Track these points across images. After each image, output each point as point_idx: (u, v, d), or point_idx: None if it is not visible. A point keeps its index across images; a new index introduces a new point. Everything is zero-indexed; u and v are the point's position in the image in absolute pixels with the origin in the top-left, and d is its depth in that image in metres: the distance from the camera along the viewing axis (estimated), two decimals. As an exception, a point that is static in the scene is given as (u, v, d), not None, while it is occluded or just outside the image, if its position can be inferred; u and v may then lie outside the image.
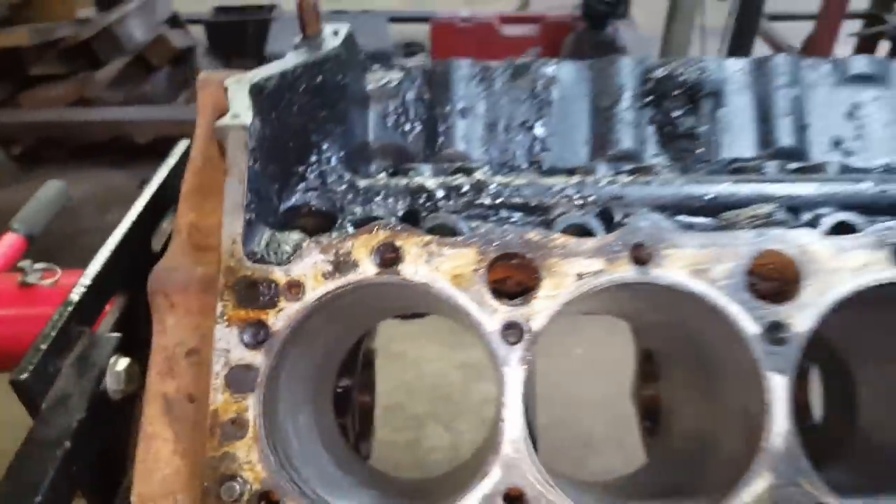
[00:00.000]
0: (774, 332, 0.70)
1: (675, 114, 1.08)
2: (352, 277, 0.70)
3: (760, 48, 3.94)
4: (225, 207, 0.73)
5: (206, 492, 0.67)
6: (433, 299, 0.73)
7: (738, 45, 3.55)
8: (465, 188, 0.98)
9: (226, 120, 0.76)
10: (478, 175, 0.99)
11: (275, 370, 0.70)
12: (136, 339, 0.91)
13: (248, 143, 0.74)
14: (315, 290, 0.70)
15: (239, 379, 0.69)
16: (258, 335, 0.70)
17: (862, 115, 1.08)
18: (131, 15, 4.04)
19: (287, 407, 0.74)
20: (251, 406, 0.68)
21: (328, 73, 0.95)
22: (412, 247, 0.71)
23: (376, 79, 1.10)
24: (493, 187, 0.97)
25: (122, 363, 0.84)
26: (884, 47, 4.44)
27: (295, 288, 0.70)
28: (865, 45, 4.23)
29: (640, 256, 0.71)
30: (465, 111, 1.08)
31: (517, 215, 0.98)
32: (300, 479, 0.71)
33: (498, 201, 0.98)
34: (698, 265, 0.71)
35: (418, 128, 1.08)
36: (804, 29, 3.94)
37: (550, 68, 1.09)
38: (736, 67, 1.08)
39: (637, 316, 1.01)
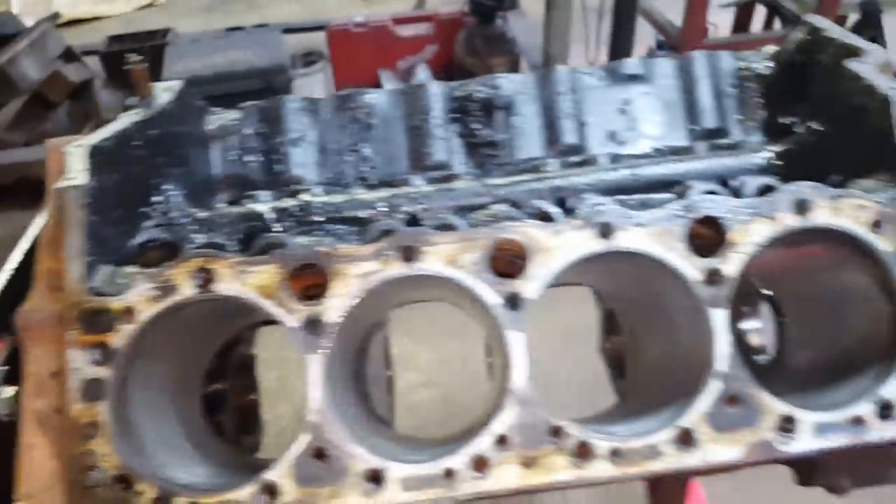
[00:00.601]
0: (512, 300, 0.92)
1: (475, 126, 1.30)
2: (174, 299, 0.89)
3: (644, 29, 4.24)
4: (67, 255, 0.91)
5: (73, 482, 0.86)
6: (251, 308, 0.92)
7: (619, 24, 3.83)
8: (294, 209, 1.19)
9: (62, 182, 0.94)
10: (305, 196, 1.19)
11: (122, 380, 0.89)
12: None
13: (81, 200, 0.92)
14: (146, 313, 0.89)
15: (91, 390, 0.88)
16: (103, 354, 0.89)
17: (632, 109, 1.32)
18: (22, 53, 4.08)
19: (141, 408, 0.93)
20: (102, 411, 0.87)
21: (162, 125, 1.13)
22: (223, 268, 0.91)
23: (216, 120, 1.29)
24: (318, 206, 1.18)
25: (9, 391, 1.01)
26: (760, 15, 4.80)
27: (128, 313, 0.89)
28: (742, 14, 4.57)
29: (408, 255, 0.92)
30: (296, 140, 1.27)
31: (342, 228, 1.19)
32: (155, 464, 0.90)
33: (324, 218, 1.19)
34: (451, 257, 0.92)
35: (258, 159, 1.27)
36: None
37: (368, 97, 1.29)
38: (523, 81, 1.31)
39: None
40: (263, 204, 1.17)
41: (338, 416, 0.90)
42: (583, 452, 0.91)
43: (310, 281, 0.92)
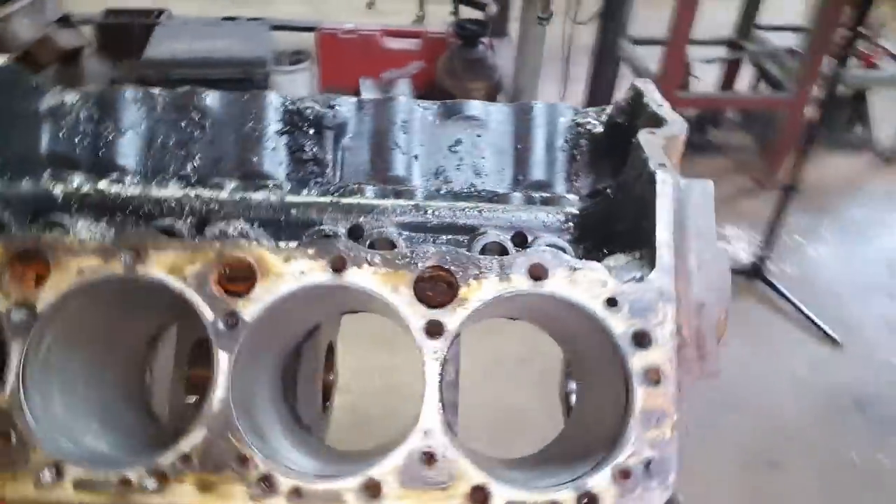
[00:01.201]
0: (229, 318, 0.93)
1: (303, 142, 1.32)
2: None
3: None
4: None
5: None
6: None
7: (601, 67, 3.86)
8: (94, 196, 1.21)
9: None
10: (109, 185, 1.22)
11: None
12: None
13: None
14: None
15: None
16: None
17: (462, 149, 1.33)
18: (18, 14, 4.21)
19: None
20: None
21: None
22: None
23: (52, 100, 1.32)
24: (112, 193, 1.20)
25: None
26: (747, 73, 4.78)
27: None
28: (729, 71, 4.56)
29: (134, 257, 0.94)
30: (125, 129, 1.30)
31: (131, 219, 1.22)
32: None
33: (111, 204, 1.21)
34: (177, 265, 0.94)
35: (87, 142, 1.30)
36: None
37: (206, 99, 1.32)
38: (359, 106, 1.33)
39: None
40: (62, 185, 1.20)
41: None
42: (265, 486, 0.91)
43: (35, 270, 0.94)
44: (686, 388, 1.00)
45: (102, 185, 1.19)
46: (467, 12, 4.33)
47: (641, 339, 0.95)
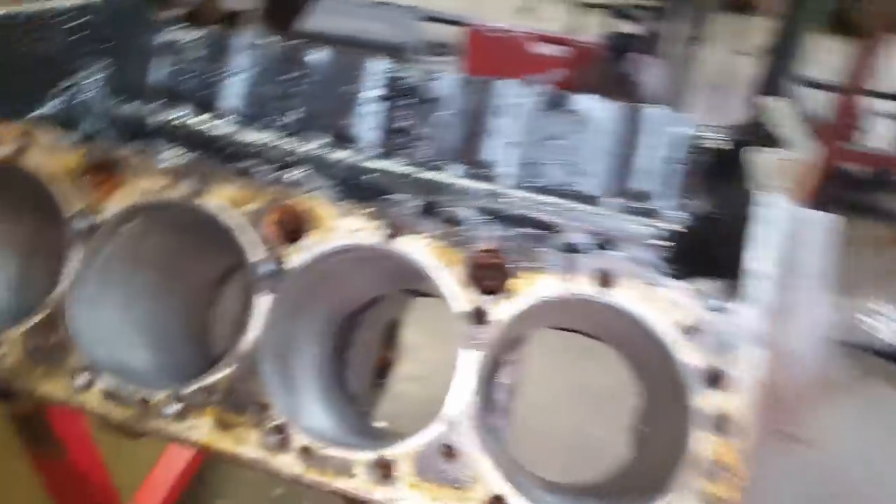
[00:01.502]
0: (274, 261, 0.92)
1: (398, 111, 1.29)
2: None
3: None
4: None
5: None
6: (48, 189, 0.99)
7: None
8: (180, 124, 1.24)
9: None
10: (197, 120, 1.24)
11: None
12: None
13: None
14: None
15: None
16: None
17: (560, 144, 1.24)
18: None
19: None
20: None
21: (102, 17, 1.24)
22: (42, 141, 0.98)
23: (169, 36, 1.38)
24: (203, 129, 1.23)
25: None
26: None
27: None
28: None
29: (197, 190, 0.94)
30: (232, 73, 1.33)
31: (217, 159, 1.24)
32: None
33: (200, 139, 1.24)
34: (235, 199, 0.93)
35: (194, 79, 1.35)
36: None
37: (312, 55, 1.33)
38: (461, 83, 1.28)
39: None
40: (161, 115, 1.24)
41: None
42: (278, 437, 0.88)
43: (109, 183, 0.97)
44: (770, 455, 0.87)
45: (196, 120, 1.22)
46: (621, 26, 4.18)
47: (716, 379, 0.84)
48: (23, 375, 0.92)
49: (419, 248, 0.88)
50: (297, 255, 0.91)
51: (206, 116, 1.23)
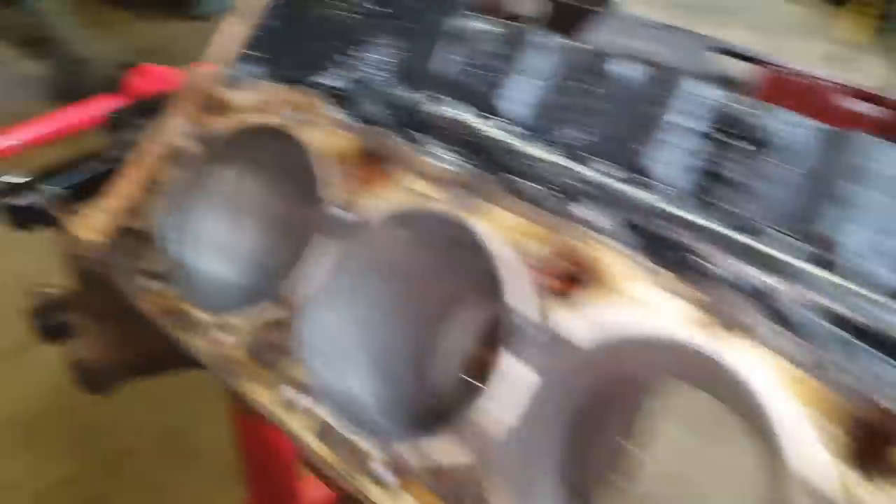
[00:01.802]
0: (545, 326, 0.71)
1: (719, 151, 1.02)
2: (251, 119, 0.90)
3: None
4: (224, 38, 0.98)
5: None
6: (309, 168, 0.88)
7: None
8: (458, 120, 1.08)
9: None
10: (476, 120, 1.08)
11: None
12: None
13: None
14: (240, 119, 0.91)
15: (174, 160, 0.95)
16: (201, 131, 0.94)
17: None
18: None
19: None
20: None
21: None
22: (317, 117, 0.87)
23: (461, 23, 1.24)
24: (481, 131, 1.06)
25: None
26: None
27: (230, 110, 0.92)
28: None
29: (469, 204, 0.77)
30: (522, 73, 1.16)
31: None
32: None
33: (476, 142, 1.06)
34: (510, 229, 0.75)
35: (479, 74, 1.20)
36: None
37: (617, 67, 1.11)
38: (811, 132, 0.98)
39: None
40: (437, 107, 1.10)
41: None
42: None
43: (373, 172, 0.84)
44: None
45: (475, 120, 1.06)
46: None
47: None
48: (235, 368, 0.82)
49: (761, 366, 0.62)
50: (577, 322, 0.70)
51: (485, 118, 1.07)
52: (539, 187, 0.95)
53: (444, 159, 0.98)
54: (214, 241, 0.96)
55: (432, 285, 1.01)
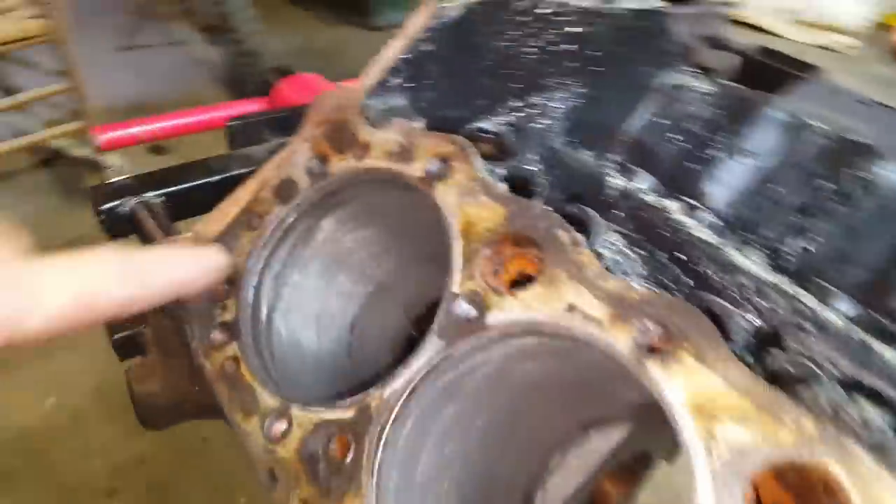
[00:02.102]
0: None
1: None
2: (393, 167, 0.70)
3: None
4: (378, 60, 0.80)
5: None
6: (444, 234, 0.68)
7: None
8: (645, 201, 0.83)
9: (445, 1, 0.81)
10: (669, 203, 0.83)
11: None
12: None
13: (432, 23, 0.78)
14: (375, 162, 0.73)
15: (284, 192, 0.78)
16: (319, 170, 0.76)
17: None
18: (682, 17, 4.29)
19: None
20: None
21: (595, 29, 0.91)
22: (462, 172, 0.67)
23: (676, 78, 1.00)
24: (673, 219, 0.80)
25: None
26: None
27: (364, 147, 0.74)
28: None
29: (648, 341, 0.54)
30: (742, 151, 0.90)
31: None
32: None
33: (661, 232, 0.81)
34: (711, 404, 0.50)
35: (682, 143, 0.95)
36: None
37: (881, 169, 0.83)
38: None
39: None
40: (623, 180, 0.87)
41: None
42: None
43: (519, 259, 0.62)
44: None
45: (676, 209, 0.82)
46: None
47: None
48: (281, 473, 0.63)
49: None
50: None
51: (688, 209, 0.83)
52: (757, 323, 0.69)
53: (619, 261, 0.75)
54: (307, 306, 0.78)
55: (559, 412, 0.77)
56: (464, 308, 0.61)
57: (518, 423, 0.73)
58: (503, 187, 0.67)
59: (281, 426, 0.64)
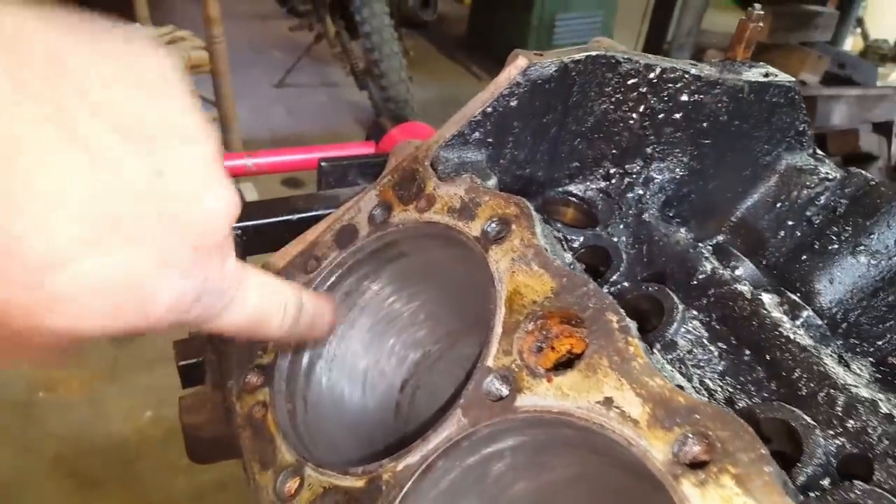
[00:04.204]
0: None
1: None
2: (452, 223, 0.67)
3: None
4: (460, 112, 0.79)
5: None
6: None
7: None
8: (733, 290, 0.75)
9: (532, 57, 0.79)
10: (766, 298, 0.74)
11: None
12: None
13: (521, 76, 0.76)
14: (436, 216, 0.71)
15: (342, 238, 0.78)
16: (380, 221, 0.76)
17: None
18: (844, 101, 4.01)
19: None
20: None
21: (717, 103, 0.85)
22: (519, 233, 0.64)
23: (798, 159, 0.91)
24: (766, 321, 0.71)
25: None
26: None
27: (429, 200, 0.72)
28: None
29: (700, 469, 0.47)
30: (864, 252, 0.80)
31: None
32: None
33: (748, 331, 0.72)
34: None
35: (796, 235, 0.86)
36: None
37: None
38: None
39: None
40: (716, 265, 0.79)
41: None
42: None
43: (564, 340, 0.58)
44: None
45: (766, 297, 0.73)
46: None
47: None
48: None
49: None
50: None
51: (792, 312, 0.73)
52: (845, 445, 0.59)
53: (696, 352, 0.68)
54: (354, 359, 0.77)
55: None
56: (494, 385, 0.57)
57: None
58: (566, 257, 0.63)
59: (293, 485, 0.63)
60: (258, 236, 0.94)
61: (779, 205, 0.88)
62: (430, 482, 0.57)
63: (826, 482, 0.56)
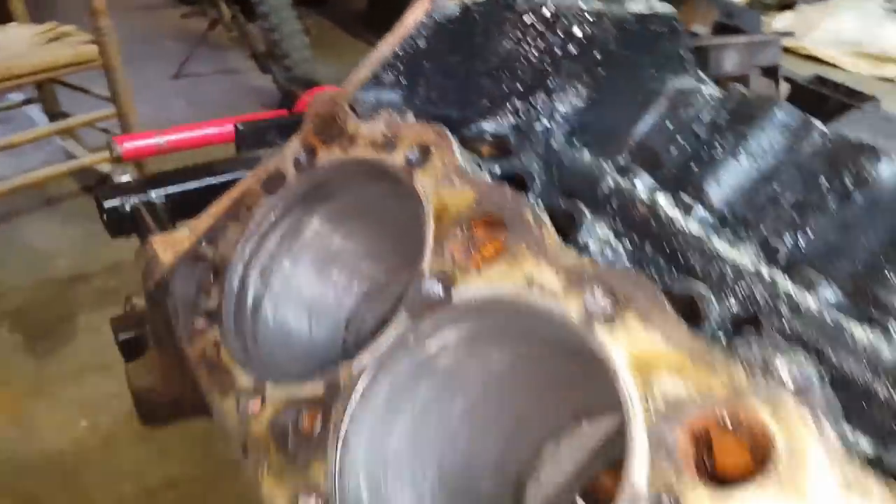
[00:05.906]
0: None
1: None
2: (376, 156, 0.75)
3: None
4: (375, 52, 0.85)
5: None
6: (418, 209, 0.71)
7: None
8: (638, 198, 0.85)
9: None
10: (660, 198, 0.84)
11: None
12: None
13: (426, 16, 0.83)
14: (360, 152, 0.78)
15: (270, 186, 0.83)
16: (307, 162, 0.82)
17: None
18: (733, 48, 4.28)
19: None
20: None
21: (606, 34, 0.94)
22: (443, 159, 0.71)
23: (683, 83, 1.02)
24: (663, 215, 0.82)
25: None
26: None
27: (351, 139, 0.79)
28: None
29: (607, 311, 0.56)
30: (739, 154, 0.92)
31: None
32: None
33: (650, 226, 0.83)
34: (653, 361, 0.52)
35: (682, 145, 0.97)
36: None
37: (881, 168, 0.83)
38: None
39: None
40: (618, 180, 0.89)
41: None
42: None
43: (487, 241, 0.66)
44: None
45: (670, 208, 0.84)
46: None
47: None
48: (252, 447, 0.67)
49: None
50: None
51: (684, 208, 0.84)
52: (735, 308, 0.70)
53: (605, 242, 0.78)
54: (299, 296, 0.83)
55: (549, 401, 0.79)
56: (431, 286, 0.64)
57: (503, 408, 0.75)
58: (483, 175, 0.71)
59: (255, 404, 0.69)
60: (184, 202, 0.98)
61: (669, 124, 0.99)
62: (383, 378, 0.64)
63: (722, 339, 0.67)
